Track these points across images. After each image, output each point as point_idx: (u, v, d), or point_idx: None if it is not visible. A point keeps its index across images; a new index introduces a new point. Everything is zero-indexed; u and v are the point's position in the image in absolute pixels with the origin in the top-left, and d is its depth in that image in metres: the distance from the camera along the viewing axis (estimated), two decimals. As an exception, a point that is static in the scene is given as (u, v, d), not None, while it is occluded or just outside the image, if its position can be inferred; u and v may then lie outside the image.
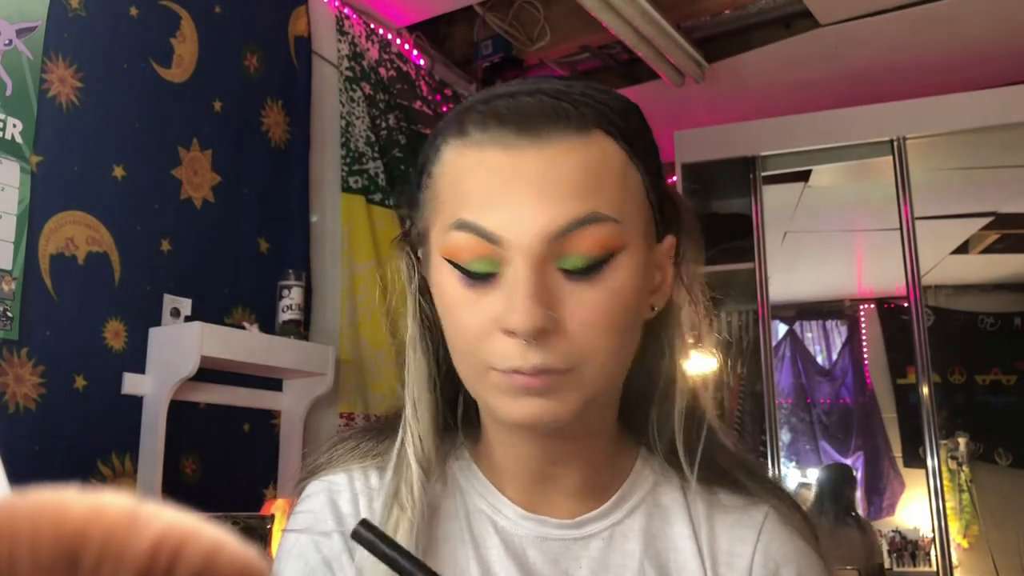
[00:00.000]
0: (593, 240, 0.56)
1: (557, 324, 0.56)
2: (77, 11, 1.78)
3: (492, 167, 0.57)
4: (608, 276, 0.57)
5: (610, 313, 0.57)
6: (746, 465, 0.68)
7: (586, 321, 0.56)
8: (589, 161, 0.57)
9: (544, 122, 0.57)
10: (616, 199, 0.57)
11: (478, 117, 0.58)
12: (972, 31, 2.75)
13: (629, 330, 0.59)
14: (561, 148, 0.56)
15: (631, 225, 0.58)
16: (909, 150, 2.70)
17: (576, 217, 0.55)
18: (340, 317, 2.33)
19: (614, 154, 0.58)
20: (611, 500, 0.64)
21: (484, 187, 0.57)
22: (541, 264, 0.55)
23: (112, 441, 1.74)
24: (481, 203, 0.57)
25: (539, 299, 0.55)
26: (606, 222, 0.56)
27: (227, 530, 0.25)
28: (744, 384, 2.97)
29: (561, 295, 0.56)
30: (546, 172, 0.56)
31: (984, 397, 3.55)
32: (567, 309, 0.56)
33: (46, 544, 0.22)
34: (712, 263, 2.77)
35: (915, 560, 3.49)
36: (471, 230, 0.57)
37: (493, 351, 0.57)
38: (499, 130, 0.57)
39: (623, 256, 0.57)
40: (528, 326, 0.54)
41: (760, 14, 2.88)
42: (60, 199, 1.71)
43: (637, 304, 0.59)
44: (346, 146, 2.48)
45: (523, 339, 0.55)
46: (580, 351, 0.56)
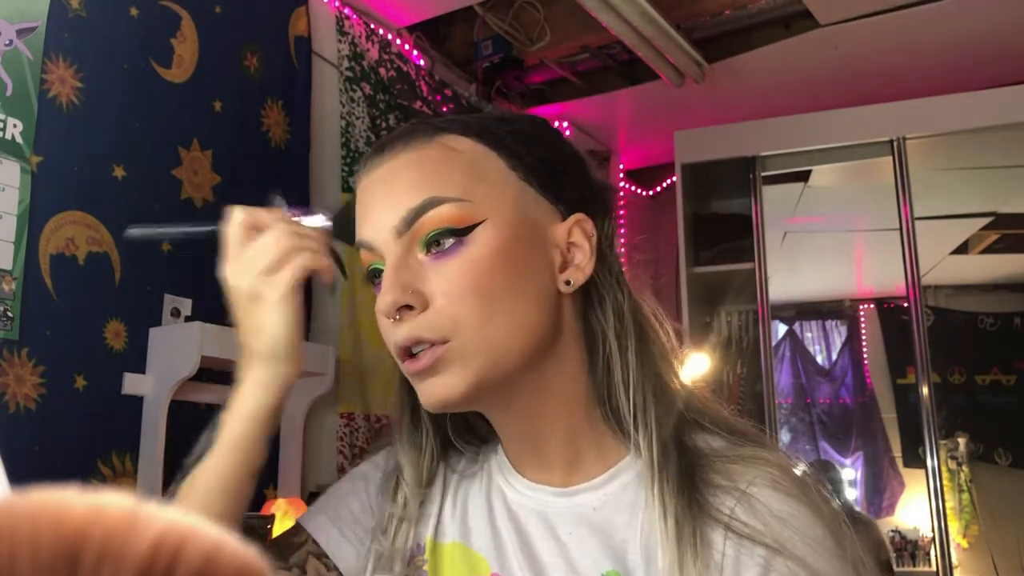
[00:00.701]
0: (439, 219, 0.64)
1: (423, 300, 0.63)
2: (77, 11, 1.78)
3: (361, 192, 0.69)
4: (467, 248, 0.64)
5: (471, 280, 0.63)
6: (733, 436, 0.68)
7: (449, 291, 0.63)
8: (427, 158, 0.66)
9: (396, 141, 0.68)
10: (460, 183, 0.65)
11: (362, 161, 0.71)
12: (972, 31, 2.75)
13: (504, 298, 0.63)
14: (404, 156, 0.67)
15: (487, 203, 0.65)
16: (909, 150, 2.70)
17: (414, 206, 0.64)
18: (340, 317, 2.33)
19: (463, 147, 0.67)
20: (605, 473, 0.68)
21: (361, 209, 0.68)
22: (403, 253, 0.64)
23: (112, 441, 1.74)
24: (360, 221, 0.68)
25: (397, 280, 0.63)
26: (448, 202, 0.64)
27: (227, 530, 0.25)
28: (744, 384, 2.97)
29: (427, 275, 0.64)
30: (389, 178, 0.66)
31: (984, 397, 3.55)
32: (432, 285, 0.63)
33: (46, 544, 0.22)
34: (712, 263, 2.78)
35: (915, 560, 3.50)
36: (360, 246, 0.68)
37: (387, 337, 0.65)
38: (368, 162, 0.69)
39: (481, 229, 0.64)
40: (387, 303, 0.63)
41: (760, 14, 2.88)
42: (60, 199, 1.71)
43: (510, 273, 0.64)
44: (346, 146, 2.48)
45: (389, 317, 0.63)
46: (449, 320, 0.62)
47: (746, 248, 2.81)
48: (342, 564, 0.72)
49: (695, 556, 0.60)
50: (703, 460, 0.65)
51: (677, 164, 2.95)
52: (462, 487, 0.75)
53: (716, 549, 0.60)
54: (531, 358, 0.65)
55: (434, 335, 0.62)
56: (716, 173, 2.96)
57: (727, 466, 0.64)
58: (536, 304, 0.65)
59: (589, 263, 0.67)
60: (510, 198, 0.66)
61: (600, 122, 3.47)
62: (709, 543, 0.61)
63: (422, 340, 0.63)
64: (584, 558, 0.65)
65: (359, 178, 0.70)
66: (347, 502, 0.76)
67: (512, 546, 0.68)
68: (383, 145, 0.69)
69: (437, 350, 0.62)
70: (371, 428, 2.34)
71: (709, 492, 0.63)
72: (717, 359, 2.95)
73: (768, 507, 0.61)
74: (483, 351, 0.63)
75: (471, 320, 0.62)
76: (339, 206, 0.72)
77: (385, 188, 0.66)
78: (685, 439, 0.67)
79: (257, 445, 0.68)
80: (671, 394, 0.67)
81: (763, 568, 0.59)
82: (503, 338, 0.63)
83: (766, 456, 0.65)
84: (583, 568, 0.65)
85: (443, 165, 0.65)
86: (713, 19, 2.92)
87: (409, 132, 0.68)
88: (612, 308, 0.68)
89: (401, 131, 0.68)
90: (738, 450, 0.66)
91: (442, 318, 0.62)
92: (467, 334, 0.62)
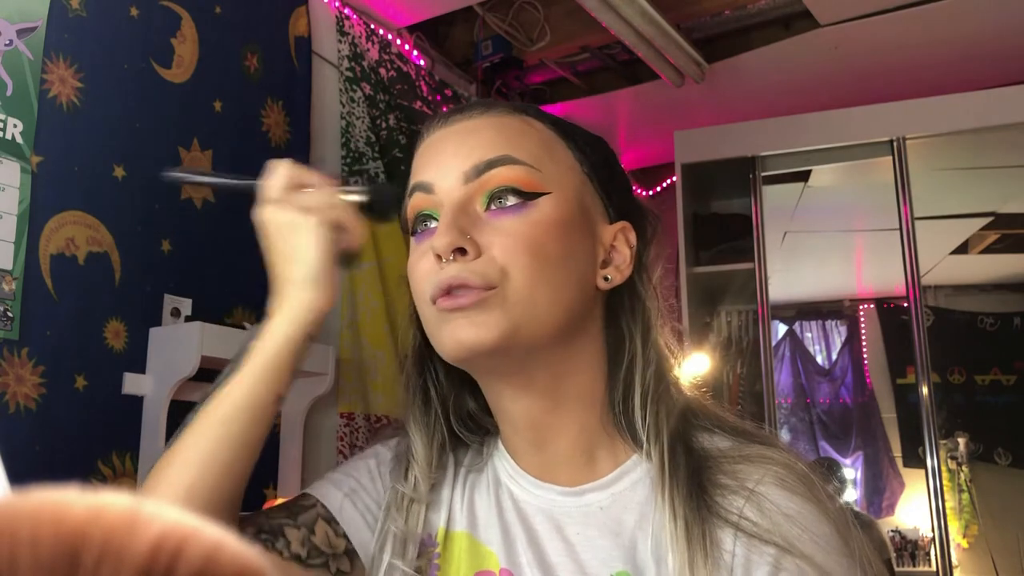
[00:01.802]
0: (509, 176, 0.65)
1: (477, 247, 0.64)
2: (77, 11, 1.78)
3: (432, 142, 0.70)
4: (529, 211, 0.65)
5: (528, 239, 0.64)
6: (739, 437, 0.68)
7: (504, 244, 0.64)
8: (506, 125, 0.68)
9: (474, 107, 0.70)
10: (535, 153, 0.67)
11: (434, 116, 0.72)
12: (972, 31, 2.75)
13: (554, 267, 0.65)
14: (485, 116, 0.69)
15: (554, 179, 0.67)
16: (909, 150, 2.69)
17: (488, 159, 0.66)
18: (340, 317, 2.33)
19: (540, 128, 0.69)
20: (613, 473, 0.68)
21: (425, 157, 0.69)
22: (464, 201, 0.65)
23: (112, 441, 1.74)
24: (423, 167, 0.69)
25: (456, 224, 0.64)
26: (520, 165, 0.66)
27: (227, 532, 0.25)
28: (744, 384, 2.97)
29: (483, 228, 0.65)
30: (465, 133, 0.68)
31: (984, 397, 3.55)
32: (488, 237, 0.64)
33: (46, 544, 0.22)
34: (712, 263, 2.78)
35: (915, 560, 3.49)
36: (417, 188, 0.69)
37: (429, 279, 0.65)
38: (441, 120, 0.70)
39: (546, 199, 0.66)
40: (444, 242, 0.63)
41: (760, 14, 2.88)
42: (60, 199, 1.71)
43: (563, 247, 0.65)
44: (346, 146, 2.48)
45: (444, 257, 0.64)
46: (499, 269, 0.63)
47: (746, 248, 2.81)
48: (351, 531, 0.72)
49: (705, 558, 0.60)
50: (710, 462, 0.66)
51: (677, 164, 2.95)
52: (469, 480, 0.75)
53: (726, 549, 0.61)
54: (561, 337, 0.66)
55: (481, 281, 0.63)
56: (716, 173, 2.96)
57: (734, 466, 0.65)
58: (577, 287, 0.66)
59: (628, 268, 0.70)
60: (574, 183, 0.68)
61: (600, 122, 3.46)
62: (719, 544, 0.61)
63: (468, 284, 0.63)
64: (593, 559, 0.65)
65: (427, 133, 0.71)
66: (358, 475, 0.76)
67: (521, 544, 0.68)
68: (460, 108, 0.70)
69: (482, 293, 0.63)
70: (371, 428, 2.34)
71: (718, 493, 0.63)
72: (717, 359, 2.95)
73: (776, 505, 0.61)
74: (525, 306, 0.63)
75: (521, 275, 0.63)
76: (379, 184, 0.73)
77: (460, 139, 0.68)
78: (692, 441, 0.67)
79: (287, 374, 0.69)
80: (682, 401, 0.69)
81: (773, 566, 0.59)
82: (544, 303, 0.64)
83: (772, 455, 0.65)
84: (592, 568, 0.65)
85: (521, 134, 0.68)
86: (713, 19, 2.92)
87: (488, 103, 0.70)
88: (642, 315, 0.70)
89: (478, 101, 0.71)
90: (744, 450, 0.66)
91: (493, 266, 0.63)
92: (514, 286, 0.63)
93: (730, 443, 0.67)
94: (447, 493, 0.74)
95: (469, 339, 0.63)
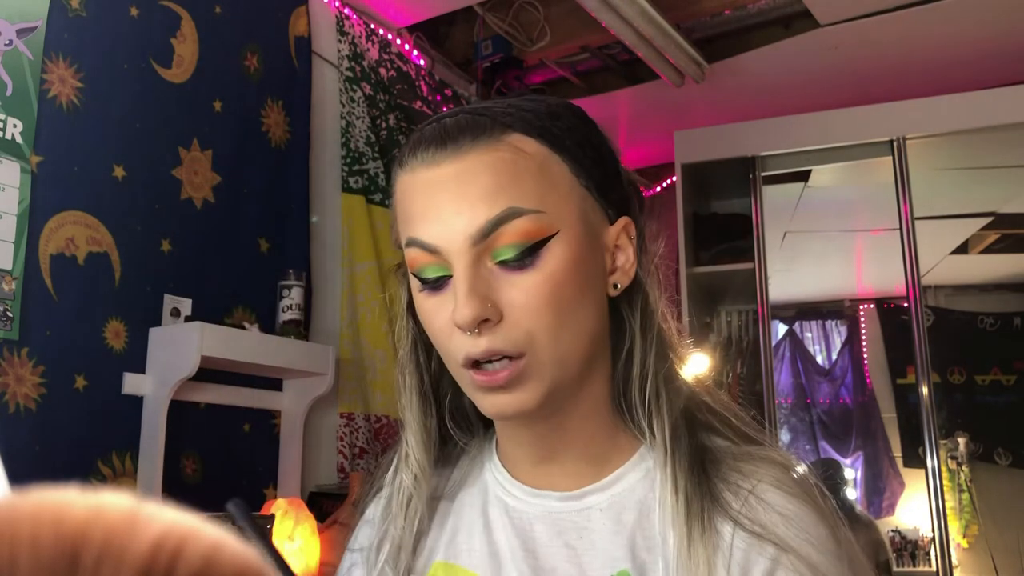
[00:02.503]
0: (516, 232, 0.63)
1: (499, 312, 0.62)
2: (77, 11, 1.78)
3: (422, 185, 0.65)
4: (542, 262, 0.63)
5: (547, 294, 0.62)
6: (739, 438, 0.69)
7: (525, 305, 0.62)
8: (502, 162, 0.64)
9: (460, 135, 0.64)
10: (535, 191, 0.64)
11: (411, 144, 0.67)
12: (972, 31, 2.75)
13: (574, 309, 0.64)
14: (475, 155, 0.64)
15: (558, 213, 0.64)
16: (909, 150, 2.69)
17: (493, 217, 0.62)
18: (340, 317, 2.33)
19: (533, 150, 0.65)
20: (612, 474, 0.68)
21: (419, 204, 0.65)
22: (475, 262, 0.63)
23: (112, 441, 1.74)
24: (419, 219, 0.65)
25: (475, 292, 0.62)
26: (526, 214, 0.63)
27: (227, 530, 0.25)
28: (744, 384, 2.97)
29: (499, 286, 0.63)
30: (463, 180, 0.63)
31: (984, 397, 3.55)
32: (506, 297, 0.63)
33: (46, 544, 0.22)
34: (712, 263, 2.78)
35: (915, 560, 3.49)
36: (416, 245, 0.65)
37: (456, 347, 0.64)
38: (425, 151, 0.65)
39: (555, 242, 0.64)
40: (468, 317, 0.61)
41: (760, 14, 2.88)
42: (60, 199, 1.71)
43: (579, 284, 0.64)
44: (346, 146, 2.48)
45: (468, 330, 0.62)
46: (525, 333, 0.62)
47: (746, 248, 2.81)
48: None
49: (702, 532, 0.61)
50: (711, 454, 0.67)
51: (677, 164, 2.95)
52: (453, 509, 0.74)
53: (723, 538, 0.62)
54: (588, 364, 0.67)
55: (513, 348, 0.62)
56: (716, 173, 2.96)
57: (735, 463, 0.66)
58: (595, 310, 0.67)
59: (632, 265, 0.69)
60: (576, 207, 0.66)
61: (600, 122, 3.45)
62: (717, 528, 0.62)
63: (501, 353, 0.63)
64: (595, 560, 0.65)
65: (410, 165, 0.66)
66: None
67: (516, 558, 0.68)
68: (444, 136, 0.65)
69: (516, 364, 0.63)
70: (371, 428, 2.34)
71: (719, 484, 0.64)
72: (717, 359, 2.95)
73: (774, 506, 0.62)
74: (556, 364, 0.64)
75: (546, 335, 0.63)
76: (241, 514, 0.58)
77: (458, 190, 0.63)
78: (695, 432, 0.68)
79: None
80: (681, 382, 0.69)
81: (772, 562, 0.60)
82: (572, 349, 0.64)
83: (771, 456, 0.66)
84: (594, 571, 0.65)
85: (518, 172, 0.64)
86: (713, 19, 2.92)
87: (473, 126, 0.65)
88: (641, 303, 0.69)
89: (462, 122, 0.65)
90: (744, 449, 0.67)
91: (518, 331, 0.63)
92: (542, 348, 0.63)
93: (729, 443, 0.68)
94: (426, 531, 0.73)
95: (512, 410, 0.64)
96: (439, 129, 0.66)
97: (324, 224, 2.39)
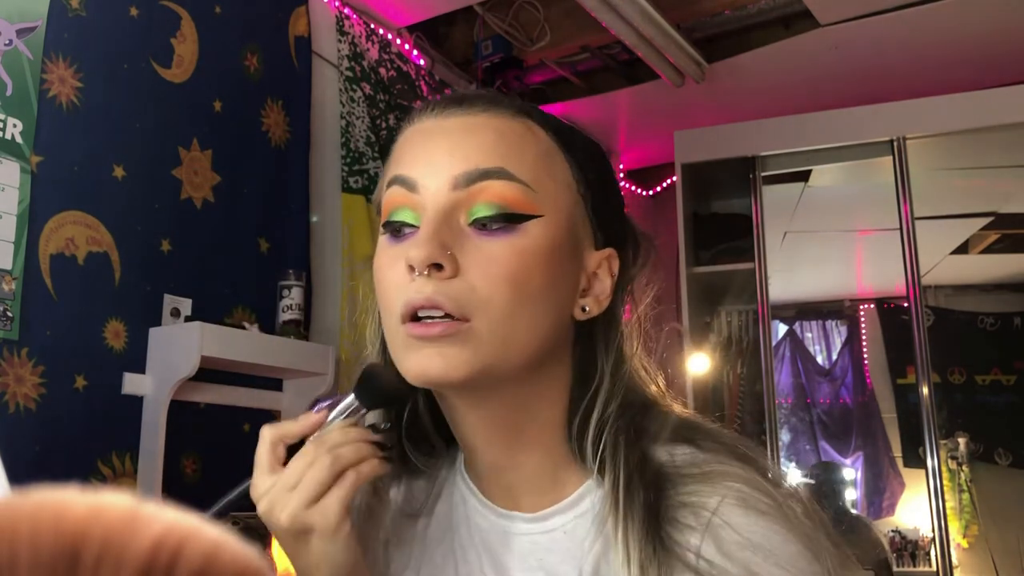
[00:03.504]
0: (500, 194, 0.60)
1: (455, 267, 0.59)
2: (77, 11, 1.78)
3: (424, 132, 0.64)
4: (517, 236, 0.60)
5: (511, 269, 0.59)
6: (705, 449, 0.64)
7: (486, 271, 0.59)
8: (511, 130, 0.63)
9: (476, 100, 0.64)
10: (532, 169, 0.62)
11: (425, 104, 0.66)
12: (972, 31, 2.75)
13: (534, 300, 0.61)
14: (485, 117, 0.63)
15: (548, 200, 0.62)
16: (909, 150, 2.69)
17: (483, 167, 0.60)
18: (340, 317, 2.33)
19: (542, 138, 0.64)
20: (576, 493, 0.65)
21: (415, 148, 0.64)
22: (449, 211, 0.60)
23: (112, 441, 1.74)
24: (409, 159, 0.63)
25: (438, 236, 0.59)
26: (517, 182, 0.61)
27: (227, 530, 0.25)
28: (744, 384, 2.96)
29: (466, 246, 0.60)
30: (466, 131, 0.62)
31: (984, 397, 3.55)
32: (470, 258, 0.60)
33: (46, 544, 0.22)
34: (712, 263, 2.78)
35: (915, 560, 3.49)
36: (397, 182, 0.63)
37: (399, 297, 0.61)
38: (437, 106, 0.65)
39: (536, 224, 0.61)
40: (422, 254, 0.58)
41: (760, 14, 2.88)
42: (60, 199, 1.71)
43: (547, 279, 0.61)
44: (346, 146, 2.48)
45: (418, 271, 0.59)
46: (476, 299, 0.59)
47: (746, 248, 2.81)
48: None
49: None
50: (669, 482, 0.62)
51: (677, 164, 2.95)
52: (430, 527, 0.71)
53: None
54: (533, 367, 0.63)
55: (457, 309, 0.59)
56: (716, 173, 2.96)
57: (693, 487, 0.61)
58: (555, 315, 0.63)
59: (607, 299, 0.66)
60: (567, 205, 0.64)
61: (600, 122, 3.46)
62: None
63: (440, 308, 0.59)
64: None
65: (418, 118, 0.65)
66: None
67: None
68: (461, 98, 0.64)
69: (455, 325, 0.59)
70: (371, 428, 2.34)
71: (675, 529, 0.59)
72: (717, 359, 2.95)
73: (737, 532, 0.58)
74: (499, 343, 0.60)
75: (499, 309, 0.59)
76: (361, 370, 0.63)
77: (456, 138, 0.62)
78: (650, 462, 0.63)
79: None
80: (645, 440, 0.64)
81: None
82: (520, 338, 0.61)
83: (734, 470, 0.61)
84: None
85: (521, 143, 0.63)
86: (713, 19, 2.92)
87: (492, 98, 0.64)
88: (617, 346, 0.66)
89: (481, 92, 0.65)
90: (704, 467, 0.62)
91: (471, 295, 0.59)
92: (490, 321, 0.59)
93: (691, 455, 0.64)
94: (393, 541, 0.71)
95: (436, 373, 0.60)
96: (456, 94, 0.66)
97: (324, 224, 2.39)
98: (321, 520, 0.59)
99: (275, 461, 0.62)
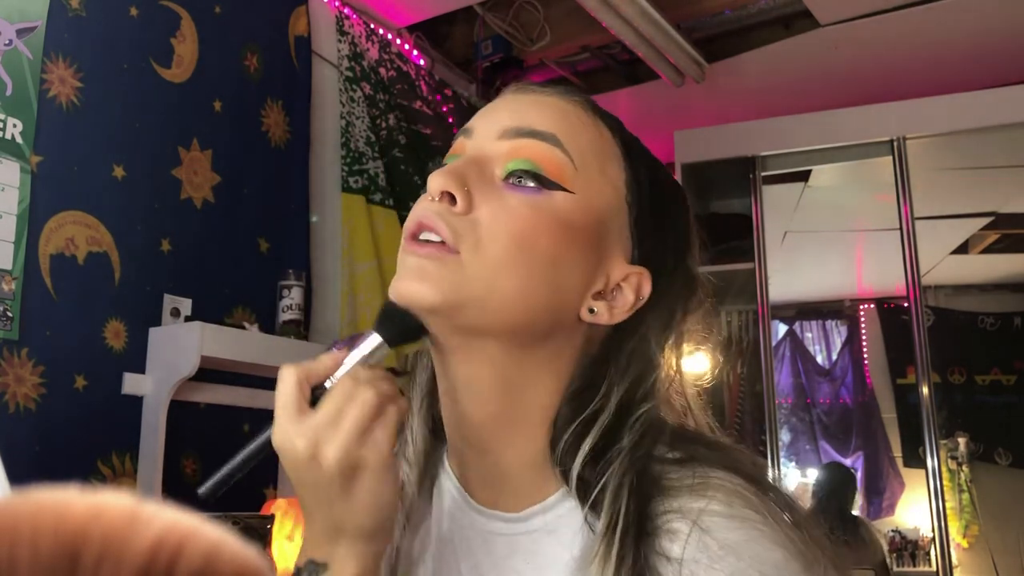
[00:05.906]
0: (542, 155, 0.61)
1: (469, 203, 0.60)
2: (77, 11, 1.78)
3: (502, 98, 0.67)
4: (542, 198, 0.60)
5: (523, 224, 0.59)
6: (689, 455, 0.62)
7: (495, 215, 0.59)
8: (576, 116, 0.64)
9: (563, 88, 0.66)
10: (584, 155, 0.63)
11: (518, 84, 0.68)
12: (972, 31, 2.75)
13: (536, 264, 0.59)
14: (555, 98, 0.65)
15: (590, 187, 0.62)
16: (909, 150, 2.69)
17: (531, 126, 0.62)
18: (340, 317, 2.33)
19: (606, 136, 0.66)
20: (555, 495, 0.63)
21: (487, 108, 0.67)
22: (486, 158, 0.62)
23: (112, 441, 1.74)
24: (478, 115, 0.66)
25: (462, 172, 0.60)
26: (564, 154, 0.62)
27: (227, 530, 0.25)
28: (744, 384, 2.97)
29: (490, 191, 0.60)
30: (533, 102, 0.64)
31: (984, 397, 3.55)
32: (487, 202, 0.60)
33: (46, 544, 0.22)
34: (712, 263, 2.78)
35: (915, 560, 3.49)
36: (461, 133, 0.66)
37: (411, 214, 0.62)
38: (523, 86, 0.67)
39: (564, 197, 0.61)
40: (438, 183, 0.59)
41: (760, 14, 2.88)
42: (60, 199, 1.71)
43: (557, 253, 0.60)
44: (346, 146, 2.48)
45: (431, 197, 0.60)
46: (476, 239, 0.59)
47: (746, 248, 2.81)
48: None
49: None
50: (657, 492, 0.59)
51: (677, 164, 2.95)
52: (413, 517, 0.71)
53: None
54: (524, 340, 0.61)
55: (451, 238, 0.58)
56: (716, 173, 2.96)
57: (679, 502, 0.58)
58: (553, 295, 0.61)
59: (624, 313, 0.63)
60: (605, 202, 0.63)
61: (600, 122, 3.46)
62: None
63: (437, 232, 0.59)
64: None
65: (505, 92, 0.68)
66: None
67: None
68: (543, 82, 0.68)
69: (444, 250, 0.59)
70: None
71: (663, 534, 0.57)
72: (717, 359, 2.95)
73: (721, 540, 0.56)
74: (481, 286, 0.58)
75: (492, 255, 0.58)
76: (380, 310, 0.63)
77: (524, 105, 0.64)
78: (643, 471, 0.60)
79: None
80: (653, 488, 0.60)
81: None
82: (506, 294, 0.59)
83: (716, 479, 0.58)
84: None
85: (582, 128, 0.64)
86: (713, 19, 2.92)
87: (574, 92, 0.67)
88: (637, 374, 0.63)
89: (568, 86, 0.67)
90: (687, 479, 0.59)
91: (470, 231, 0.59)
92: (480, 261, 0.58)
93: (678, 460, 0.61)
94: None
95: (410, 292, 0.59)
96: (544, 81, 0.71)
97: (324, 224, 2.39)
98: (374, 454, 0.57)
99: (304, 401, 0.60)
